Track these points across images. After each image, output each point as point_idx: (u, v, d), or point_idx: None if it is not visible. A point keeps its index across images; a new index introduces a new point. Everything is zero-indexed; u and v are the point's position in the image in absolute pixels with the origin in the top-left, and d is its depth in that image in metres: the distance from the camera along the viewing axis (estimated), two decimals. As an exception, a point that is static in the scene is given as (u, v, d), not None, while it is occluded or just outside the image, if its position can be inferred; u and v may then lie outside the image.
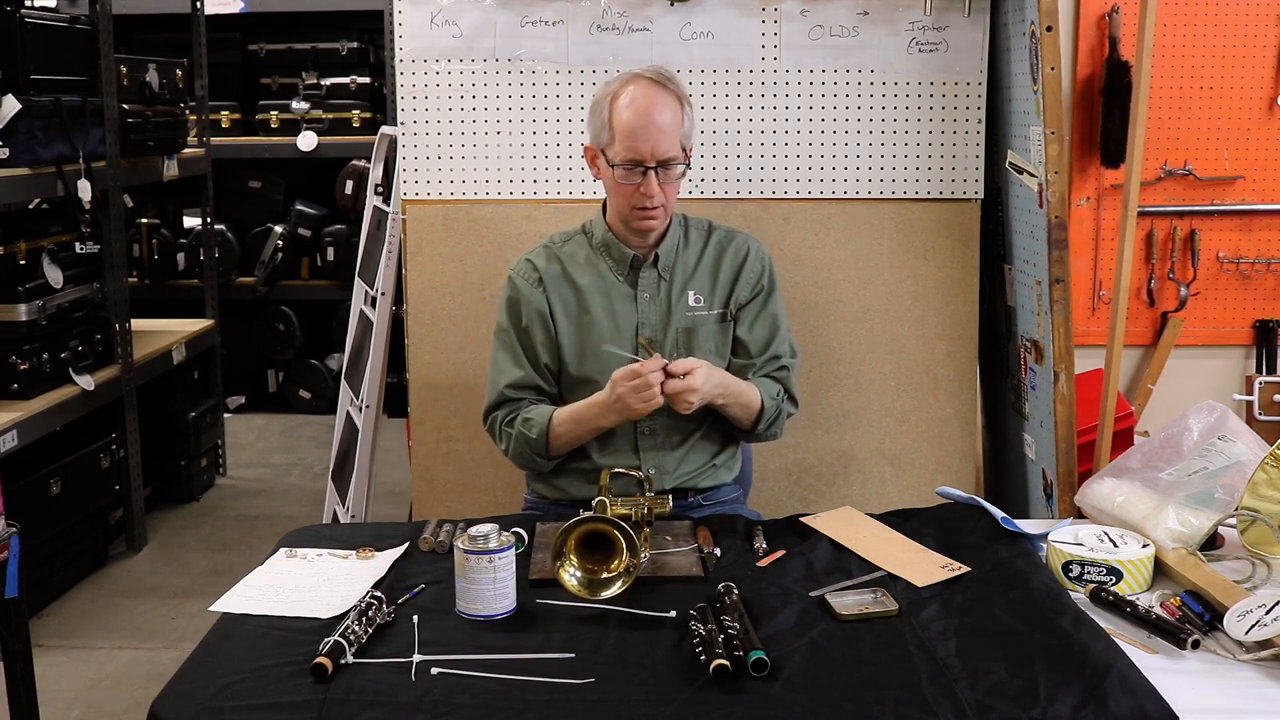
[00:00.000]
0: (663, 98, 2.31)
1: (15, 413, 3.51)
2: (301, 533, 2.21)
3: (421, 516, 2.85)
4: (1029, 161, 2.74)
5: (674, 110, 2.31)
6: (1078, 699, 1.56)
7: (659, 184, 2.30)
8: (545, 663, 1.69)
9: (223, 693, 1.62)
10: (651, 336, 2.40)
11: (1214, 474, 2.07)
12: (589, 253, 2.45)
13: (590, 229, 2.47)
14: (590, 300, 2.42)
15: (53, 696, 3.14)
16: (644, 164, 2.29)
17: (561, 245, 2.47)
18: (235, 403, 6.02)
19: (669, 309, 2.42)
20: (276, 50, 6.02)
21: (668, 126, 2.29)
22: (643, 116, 2.28)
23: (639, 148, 2.28)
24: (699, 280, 2.44)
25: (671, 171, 2.32)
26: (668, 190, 2.33)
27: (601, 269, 2.43)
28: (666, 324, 2.41)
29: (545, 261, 2.45)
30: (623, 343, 2.39)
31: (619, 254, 2.42)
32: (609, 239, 2.43)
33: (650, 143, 2.28)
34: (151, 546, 4.30)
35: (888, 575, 1.97)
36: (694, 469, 2.44)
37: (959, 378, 3.02)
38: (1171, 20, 3.25)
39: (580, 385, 2.42)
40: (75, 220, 3.99)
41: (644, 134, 2.28)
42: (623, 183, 2.32)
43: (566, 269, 2.44)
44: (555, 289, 2.42)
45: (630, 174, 2.30)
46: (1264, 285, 3.37)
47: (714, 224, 2.51)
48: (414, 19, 2.89)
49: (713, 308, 2.44)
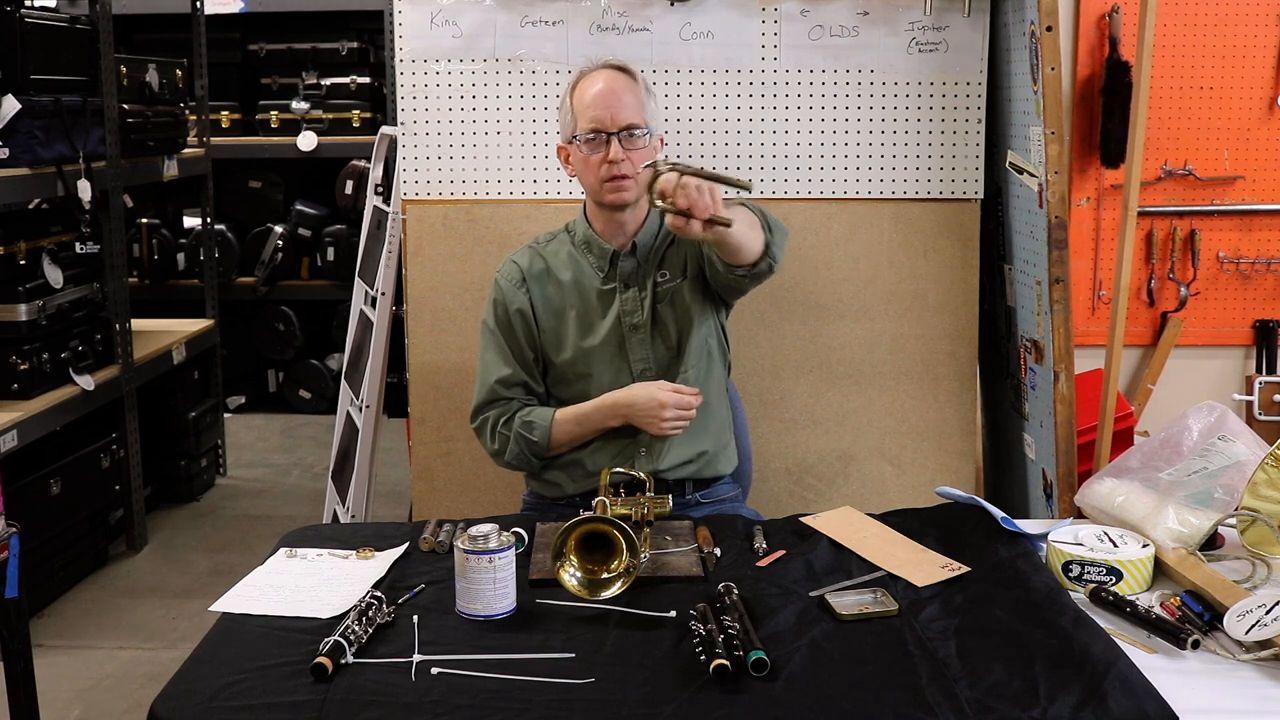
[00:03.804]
0: (624, 79, 2.40)
1: (15, 413, 3.51)
2: (301, 533, 2.21)
3: (421, 516, 2.85)
4: (1029, 161, 2.74)
5: (633, 89, 2.39)
6: (1078, 699, 1.56)
7: (624, 150, 2.34)
8: (545, 663, 1.69)
9: (223, 693, 1.62)
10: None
11: (1214, 474, 2.07)
12: (571, 249, 2.49)
13: (573, 228, 2.52)
14: (573, 296, 2.46)
15: (53, 696, 3.14)
16: (605, 130, 2.35)
17: (545, 245, 2.53)
18: (235, 403, 6.02)
19: (651, 292, 2.45)
20: (276, 50, 6.02)
21: (626, 98, 2.37)
22: (604, 90, 2.37)
23: (599, 115, 2.35)
24: (670, 260, 2.47)
25: (636, 140, 2.36)
26: (634, 158, 2.36)
27: (583, 265, 2.47)
28: (645, 307, 2.45)
29: (528, 261, 2.50)
30: (608, 336, 2.43)
31: (599, 249, 2.46)
32: (590, 235, 2.47)
33: (610, 109, 2.35)
34: (151, 546, 4.30)
35: (888, 575, 1.97)
36: (688, 459, 2.44)
37: (959, 378, 3.02)
38: (1171, 20, 3.26)
39: (567, 380, 2.46)
40: (75, 220, 3.99)
41: (602, 101, 2.36)
42: (589, 155, 2.37)
43: (550, 266, 2.49)
44: (538, 287, 2.47)
45: (594, 145, 2.36)
46: (1264, 285, 3.38)
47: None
48: (414, 19, 2.89)
49: (682, 276, 2.46)
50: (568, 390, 2.47)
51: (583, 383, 2.45)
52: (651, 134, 2.41)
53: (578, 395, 2.45)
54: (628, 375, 2.44)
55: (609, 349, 2.44)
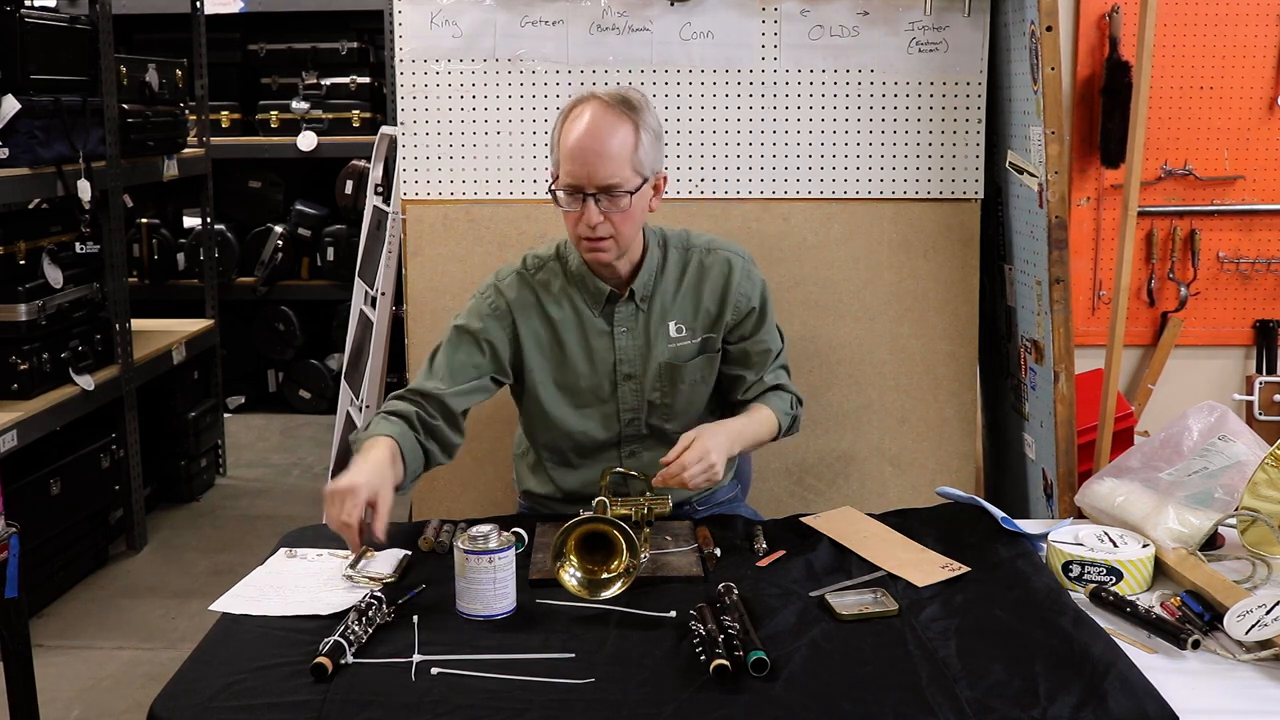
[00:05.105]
0: (612, 121, 2.13)
1: (15, 413, 3.51)
2: (301, 533, 2.21)
3: (421, 516, 2.85)
4: (1029, 161, 2.74)
5: (624, 136, 2.13)
6: (1078, 699, 1.56)
7: (602, 213, 2.13)
8: (545, 663, 1.69)
9: (223, 693, 1.62)
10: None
11: (1214, 474, 2.07)
12: (563, 283, 2.29)
13: (565, 253, 2.31)
14: (565, 335, 2.29)
15: (53, 696, 3.14)
16: (583, 189, 2.13)
17: (535, 273, 2.31)
18: (235, 403, 6.01)
19: (648, 343, 2.30)
20: (276, 50, 6.02)
21: (612, 151, 2.12)
22: (585, 139, 2.12)
23: (576, 171, 2.13)
24: (680, 308, 2.31)
25: (617, 201, 2.13)
26: (615, 220, 2.15)
27: (576, 302, 2.29)
28: (646, 359, 2.30)
29: (517, 292, 2.30)
30: (599, 382, 2.30)
31: (594, 287, 2.27)
32: (583, 271, 2.27)
33: (588, 167, 2.12)
34: (151, 546, 4.30)
35: (888, 575, 1.97)
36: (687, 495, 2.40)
37: (959, 378, 3.02)
38: (1171, 20, 3.25)
39: (550, 415, 2.33)
40: (75, 220, 3.99)
41: (581, 157, 2.12)
42: (565, 209, 2.18)
43: (540, 299, 2.29)
44: (526, 321, 2.29)
45: (571, 200, 2.16)
46: (1264, 285, 3.38)
47: (693, 239, 2.36)
48: (414, 19, 2.89)
49: (695, 336, 2.32)
50: (546, 435, 2.35)
51: (564, 425, 2.33)
52: (646, 181, 2.18)
53: (557, 437, 2.34)
54: (615, 423, 2.33)
55: (598, 394, 2.32)
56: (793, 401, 2.41)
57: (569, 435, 2.35)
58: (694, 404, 2.38)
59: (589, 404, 2.33)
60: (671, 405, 2.35)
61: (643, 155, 2.16)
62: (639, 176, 2.16)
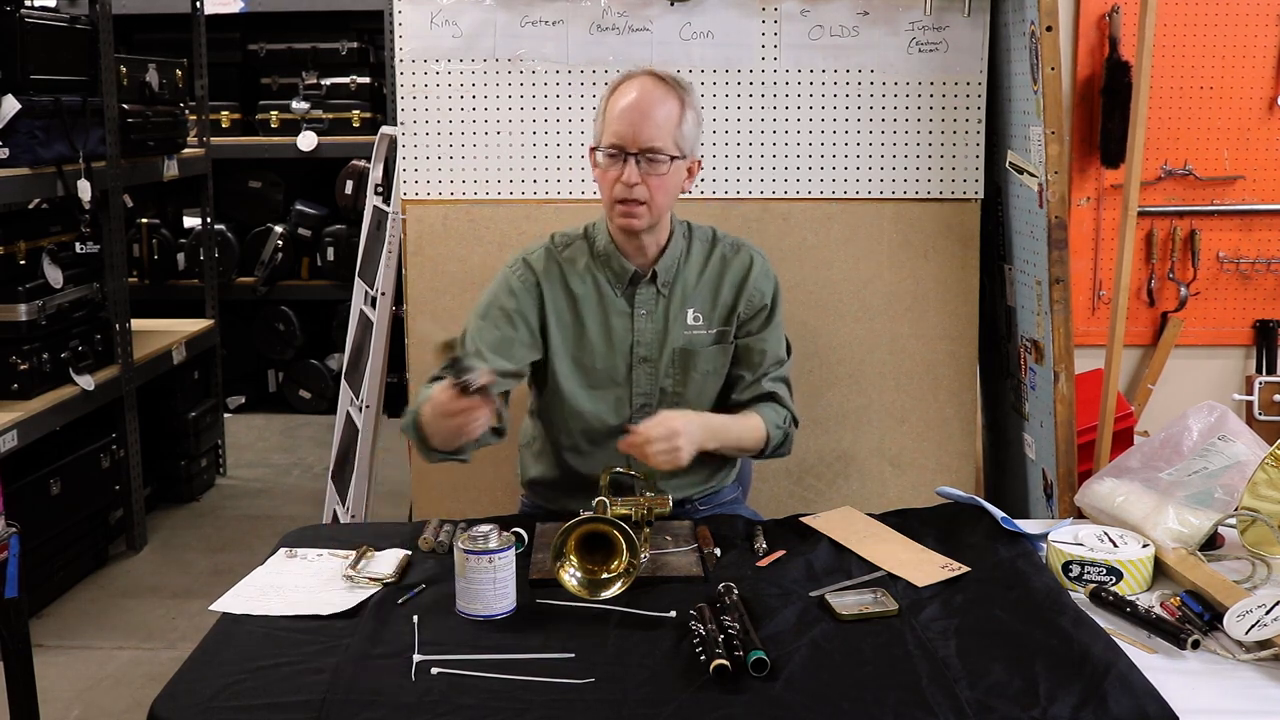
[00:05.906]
0: (663, 93, 2.22)
1: (15, 413, 3.51)
2: (301, 533, 2.21)
3: (421, 516, 2.85)
4: (1029, 161, 2.74)
5: (671, 108, 2.21)
6: (1078, 699, 1.56)
7: (641, 174, 2.19)
8: (545, 663, 1.69)
9: (223, 693, 1.62)
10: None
11: (1214, 474, 2.08)
12: (589, 260, 2.34)
13: (593, 234, 2.35)
14: (585, 312, 2.33)
15: (53, 696, 3.14)
16: (625, 149, 2.19)
17: (562, 250, 2.35)
18: (235, 403, 6.02)
19: (666, 327, 2.33)
20: (276, 50, 6.02)
21: (659, 119, 2.19)
22: (633, 102, 2.20)
23: (622, 130, 2.19)
24: (699, 297, 2.35)
25: (657, 164, 2.19)
26: (652, 184, 2.20)
27: (599, 280, 2.33)
28: (663, 343, 2.33)
29: (544, 265, 2.34)
30: (615, 363, 2.32)
31: (619, 267, 2.31)
32: (610, 250, 2.31)
33: (634, 127, 2.18)
34: (151, 546, 4.30)
35: (888, 575, 1.97)
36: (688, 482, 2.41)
37: (959, 378, 3.02)
38: (1171, 20, 3.26)
39: (564, 394, 2.34)
40: (75, 220, 3.99)
41: (628, 117, 2.19)
42: (605, 169, 2.23)
43: (565, 275, 2.33)
44: (551, 295, 2.33)
45: (612, 161, 2.21)
46: (1264, 285, 3.38)
47: (719, 234, 2.41)
48: (414, 19, 2.89)
49: (712, 326, 2.35)
50: (556, 412, 2.36)
51: (580, 398, 2.34)
52: (683, 158, 2.24)
53: (568, 418, 2.35)
54: (627, 406, 2.34)
55: (613, 375, 2.34)
56: (787, 418, 2.40)
57: (580, 416, 2.35)
58: (704, 396, 2.38)
59: (603, 385, 2.35)
60: (683, 394, 2.36)
61: (685, 131, 2.24)
62: (679, 150, 2.23)
